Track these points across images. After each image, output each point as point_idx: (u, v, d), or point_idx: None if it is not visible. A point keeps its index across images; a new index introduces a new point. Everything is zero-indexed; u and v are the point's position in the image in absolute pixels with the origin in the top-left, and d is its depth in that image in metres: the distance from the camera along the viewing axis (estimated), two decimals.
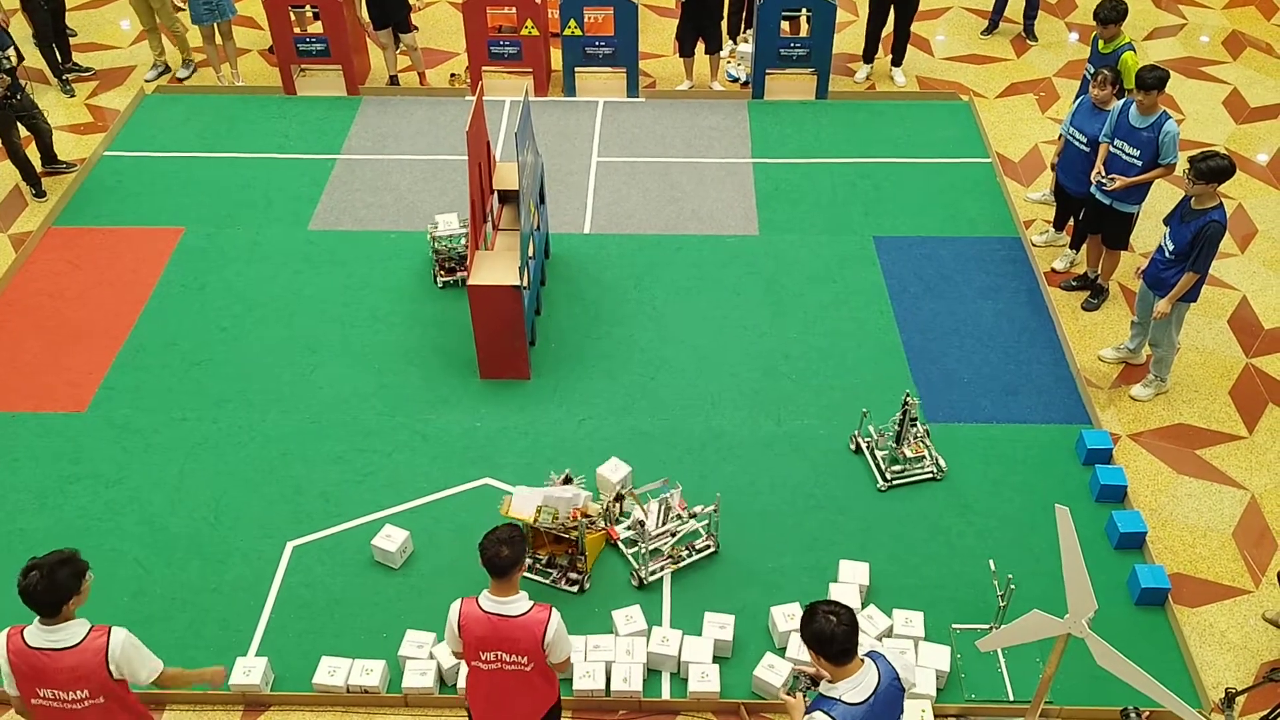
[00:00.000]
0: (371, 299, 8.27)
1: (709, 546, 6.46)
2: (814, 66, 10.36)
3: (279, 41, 10.32)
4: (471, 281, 7.07)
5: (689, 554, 6.42)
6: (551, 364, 7.73)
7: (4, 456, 7.05)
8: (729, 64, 11.13)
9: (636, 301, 8.26)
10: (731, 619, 6.02)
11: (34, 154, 9.46)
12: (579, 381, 7.59)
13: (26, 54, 9.71)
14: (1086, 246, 8.39)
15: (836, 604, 4.06)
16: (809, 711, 4.04)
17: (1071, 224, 8.62)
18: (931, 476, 6.88)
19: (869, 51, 10.91)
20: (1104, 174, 7.71)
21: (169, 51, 11.06)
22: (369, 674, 5.78)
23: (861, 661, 4.09)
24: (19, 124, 9.10)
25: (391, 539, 6.39)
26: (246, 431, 7.24)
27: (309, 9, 10.57)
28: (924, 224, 8.99)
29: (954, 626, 6.10)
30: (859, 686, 4.02)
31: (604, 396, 7.48)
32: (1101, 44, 8.45)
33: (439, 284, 8.36)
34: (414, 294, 8.31)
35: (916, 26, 11.75)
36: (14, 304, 8.21)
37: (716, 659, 5.89)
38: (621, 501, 6.63)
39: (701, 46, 10.49)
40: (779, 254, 8.68)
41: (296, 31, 10.39)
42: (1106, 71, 7.80)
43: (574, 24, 10.20)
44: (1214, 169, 6.61)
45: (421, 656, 5.85)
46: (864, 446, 7.05)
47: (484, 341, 7.39)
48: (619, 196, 9.36)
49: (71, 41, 11.12)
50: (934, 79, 11.01)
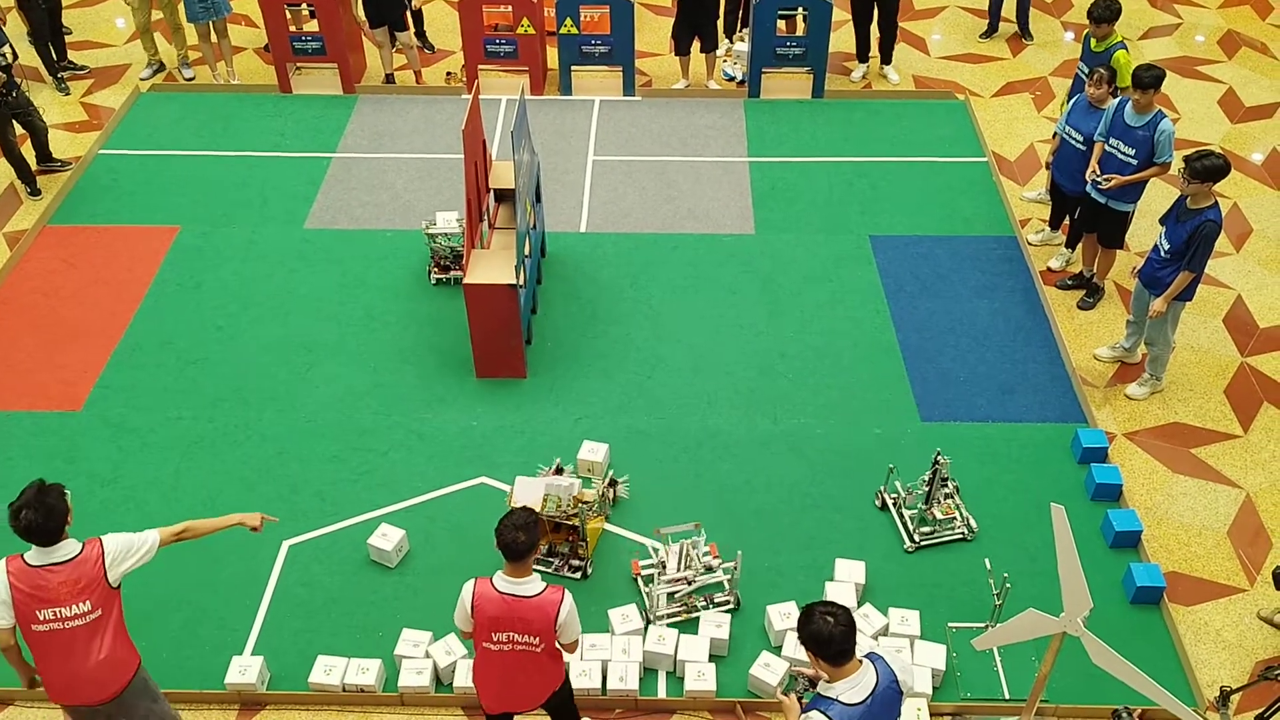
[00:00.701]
0: (367, 298, 8.26)
1: (729, 602, 6.13)
2: (810, 65, 10.36)
3: (274, 40, 10.30)
4: (467, 280, 7.07)
5: (707, 606, 6.11)
6: (548, 363, 7.72)
7: None
8: (725, 63, 11.12)
9: (633, 300, 8.26)
10: (728, 617, 6.02)
11: (29, 152, 9.44)
12: (575, 380, 7.59)
13: (21, 52, 9.70)
14: (1082, 245, 8.40)
15: (834, 605, 4.05)
16: (806, 711, 4.03)
17: (1067, 223, 8.63)
18: (962, 538, 6.53)
19: (861, 51, 10.92)
20: (1099, 173, 7.73)
21: (165, 50, 11.04)
22: (365, 673, 5.78)
23: (860, 662, 4.08)
24: (14, 122, 9.09)
25: (387, 538, 6.39)
26: (242, 430, 7.23)
27: (305, 7, 10.56)
28: (920, 223, 9.00)
29: (950, 625, 6.11)
30: (857, 687, 4.02)
31: (600, 395, 7.48)
32: (1094, 43, 8.46)
33: (432, 280, 8.36)
34: (410, 293, 8.31)
35: (913, 26, 11.78)
36: (9, 302, 8.19)
37: (713, 658, 5.89)
38: (615, 486, 6.66)
39: (697, 45, 10.49)
40: (775, 253, 8.69)
41: (292, 30, 10.37)
42: (1103, 70, 7.81)
43: (570, 22, 10.19)
44: (1210, 168, 6.63)
45: (418, 655, 5.84)
46: (890, 504, 6.67)
47: (480, 340, 7.39)
48: (615, 195, 9.36)
49: (67, 39, 11.09)
50: (930, 78, 11.01)
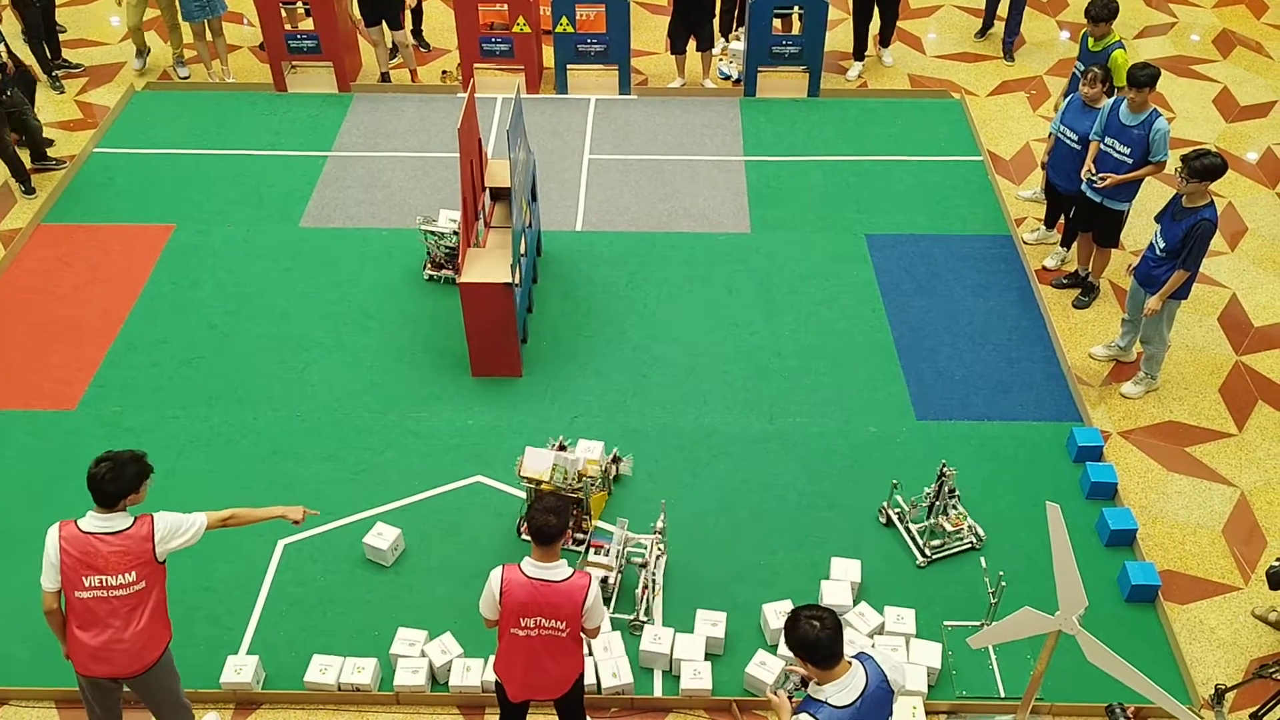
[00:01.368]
0: (363, 296, 8.25)
1: (659, 552, 6.27)
2: (806, 64, 10.36)
3: (270, 38, 10.28)
4: (463, 279, 7.06)
5: (653, 572, 6.17)
6: (543, 361, 7.72)
7: None
8: (721, 61, 11.12)
9: (628, 299, 8.26)
10: (723, 616, 6.02)
11: (23, 150, 9.42)
12: (571, 379, 7.59)
13: (16, 50, 9.66)
14: (1077, 244, 8.41)
15: (819, 609, 4.05)
16: (796, 713, 4.03)
17: (1062, 222, 8.64)
18: (971, 546, 6.49)
19: (859, 49, 10.92)
20: (1095, 172, 7.73)
21: (161, 49, 11.01)
22: (360, 672, 5.77)
23: (849, 664, 4.08)
24: (8, 120, 9.07)
25: (383, 537, 6.38)
26: (237, 429, 7.22)
27: (300, 5, 10.54)
28: (916, 222, 9.00)
29: (945, 624, 6.11)
30: (846, 689, 4.01)
31: (596, 394, 7.48)
32: (1091, 42, 8.47)
33: (425, 276, 8.36)
34: (406, 291, 8.30)
35: (909, 25, 11.79)
36: (3, 301, 8.17)
37: (709, 656, 5.89)
38: (619, 463, 6.76)
39: (693, 44, 10.49)
40: (771, 252, 8.69)
41: (287, 28, 10.36)
42: (1097, 69, 7.81)
43: (566, 21, 10.18)
44: (1206, 167, 6.64)
45: (413, 655, 5.84)
46: (894, 519, 6.60)
47: (476, 339, 7.39)
48: (611, 194, 9.35)
49: (61, 38, 11.06)
50: (925, 77, 11.02)
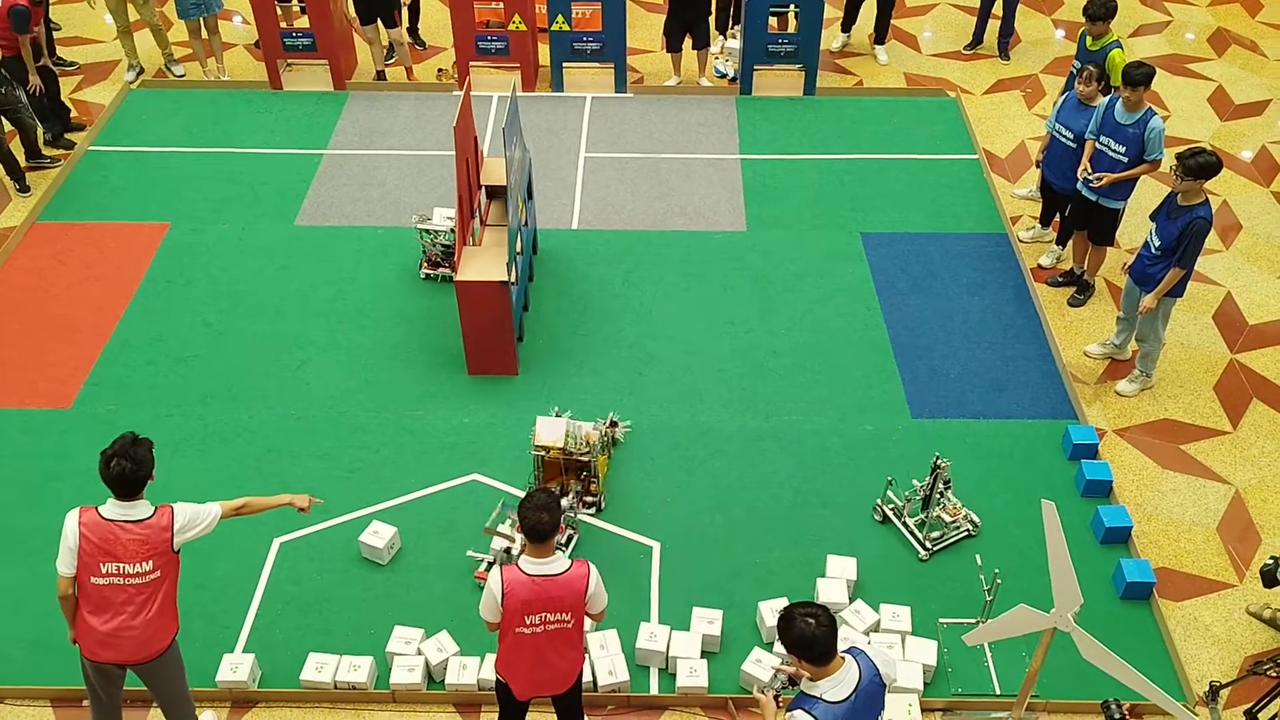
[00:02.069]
0: (358, 295, 8.24)
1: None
2: (802, 63, 10.37)
3: (265, 36, 10.26)
4: (459, 277, 7.06)
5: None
6: (539, 360, 7.72)
7: None
8: (717, 60, 11.12)
9: (624, 297, 8.26)
10: (719, 614, 6.02)
11: (18, 148, 9.40)
12: (567, 377, 7.59)
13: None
14: (1073, 242, 8.42)
15: (813, 606, 4.06)
16: (790, 710, 4.03)
17: (1058, 220, 8.65)
18: (968, 534, 6.54)
19: (847, 21, 10.99)
20: (1090, 170, 7.74)
21: (150, 50, 10.97)
22: (357, 670, 5.77)
23: (842, 659, 4.09)
24: (3, 118, 9.05)
25: (379, 535, 6.38)
26: (232, 428, 7.21)
27: (296, 3, 10.52)
28: (911, 220, 9.01)
29: (941, 621, 6.12)
30: (840, 684, 4.02)
31: (592, 392, 7.47)
32: (1090, 41, 8.48)
33: (421, 274, 8.35)
34: (401, 290, 8.29)
35: (905, 24, 11.80)
36: None
37: (704, 654, 5.90)
38: (616, 427, 6.88)
39: (689, 42, 10.49)
40: (767, 250, 8.69)
41: (283, 26, 10.34)
42: (1092, 68, 7.82)
43: (562, 19, 10.18)
44: (1201, 165, 6.64)
45: (409, 653, 5.84)
46: (890, 516, 6.61)
47: (472, 337, 7.38)
48: (607, 192, 9.35)
49: (56, 35, 11.04)
50: (921, 75, 11.03)
